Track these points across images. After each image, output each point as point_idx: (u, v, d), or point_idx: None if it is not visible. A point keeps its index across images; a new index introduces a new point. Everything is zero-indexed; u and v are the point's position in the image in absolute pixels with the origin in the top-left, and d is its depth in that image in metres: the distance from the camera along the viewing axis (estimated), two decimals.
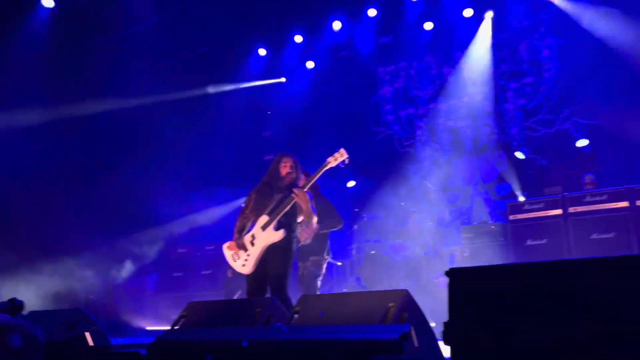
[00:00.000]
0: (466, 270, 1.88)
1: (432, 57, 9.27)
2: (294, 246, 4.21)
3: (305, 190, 4.06)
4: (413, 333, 2.23)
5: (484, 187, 8.55)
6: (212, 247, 8.15)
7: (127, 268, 7.13)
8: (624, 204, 5.71)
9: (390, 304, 2.82)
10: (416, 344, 2.23)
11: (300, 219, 4.25)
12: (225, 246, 4.29)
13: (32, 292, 6.43)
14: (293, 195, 4.03)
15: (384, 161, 9.10)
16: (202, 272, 7.98)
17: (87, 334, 3.04)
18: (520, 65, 8.51)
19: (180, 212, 8.62)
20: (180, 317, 3.40)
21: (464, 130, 8.86)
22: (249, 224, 4.35)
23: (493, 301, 1.74)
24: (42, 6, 7.78)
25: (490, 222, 7.18)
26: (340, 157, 4.15)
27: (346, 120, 9.33)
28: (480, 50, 8.68)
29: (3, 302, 2.11)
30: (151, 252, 8.01)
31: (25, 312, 2.19)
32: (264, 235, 4.14)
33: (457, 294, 1.84)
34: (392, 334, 2.13)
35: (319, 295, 4.01)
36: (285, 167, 4.28)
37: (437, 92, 9.18)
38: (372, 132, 9.63)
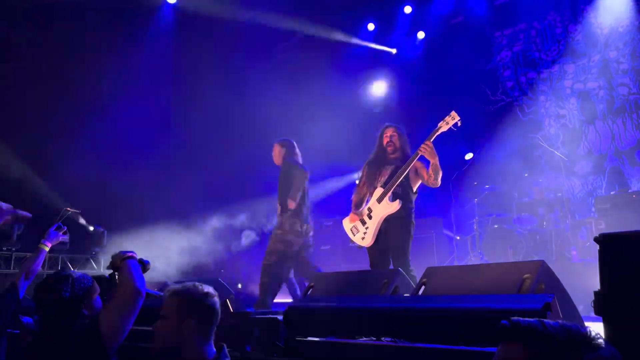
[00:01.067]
0: (620, 235, 1.75)
1: (555, 14, 8.59)
2: (413, 216, 4.20)
3: (431, 141, 4.02)
4: (556, 303, 2.13)
5: (621, 154, 7.81)
6: (330, 223, 8.34)
7: (249, 237, 7.49)
8: None
9: (526, 275, 2.72)
10: (560, 314, 2.13)
11: (415, 186, 4.23)
12: (344, 220, 4.40)
13: (164, 266, 7.05)
14: (421, 149, 4.01)
15: (504, 131, 8.66)
16: (322, 248, 8.20)
17: (228, 301, 3.28)
18: None
19: None
20: (309, 287, 3.54)
21: (596, 92, 8.14)
22: (366, 198, 4.42)
23: None
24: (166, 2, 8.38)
25: (630, 190, 6.54)
26: (451, 120, 4.08)
27: (462, 89, 8.99)
28: None
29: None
30: (269, 224, 8.30)
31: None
32: (380, 207, 4.19)
33: (610, 262, 1.72)
34: (535, 304, 2.05)
35: (446, 267, 3.96)
36: (386, 137, 4.33)
37: (563, 53, 8.51)
38: (491, 100, 9.20)
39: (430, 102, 8.84)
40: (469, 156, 8.23)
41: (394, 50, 9.90)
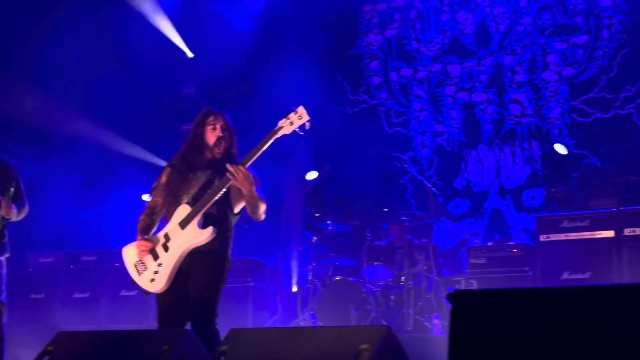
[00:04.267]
0: (477, 293, 2.02)
1: None
2: (229, 250, 4.28)
3: (247, 166, 4.13)
4: None
5: (506, 194, 8.83)
6: (93, 257, 8.13)
7: None
8: None
9: (364, 346, 2.95)
10: None
11: (238, 207, 4.33)
12: (125, 250, 4.32)
13: None
14: (228, 174, 4.08)
15: (363, 145, 9.25)
16: (75, 295, 7.96)
17: None
18: (572, 18, 8.83)
19: (47, 200, 8.58)
20: (44, 353, 3.42)
21: (484, 107, 9.13)
22: (159, 218, 4.40)
23: (510, 332, 1.88)
24: None
25: (512, 242, 7.42)
26: (297, 119, 4.17)
27: (308, 80, 9.46)
28: None
29: None
30: None
31: None
32: (183, 235, 4.18)
33: (463, 325, 1.98)
34: None
35: (259, 329, 4.10)
36: (215, 130, 4.33)
37: (448, 48, 9.42)
38: (349, 100, 9.79)
39: (263, 93, 9.15)
40: (311, 175, 8.62)
41: None
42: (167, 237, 4.21)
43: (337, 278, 7.39)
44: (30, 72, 9.12)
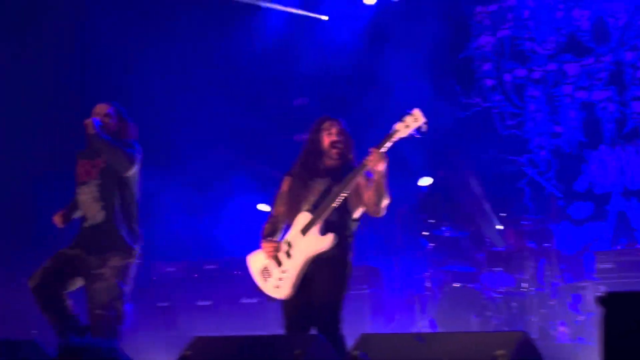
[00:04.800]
0: (635, 296, 1.93)
1: None
2: (350, 255, 4.32)
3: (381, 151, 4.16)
4: None
5: (630, 195, 8.48)
6: (213, 266, 8.33)
7: None
8: None
9: (499, 351, 2.89)
10: None
11: (357, 213, 4.36)
12: (251, 257, 4.43)
13: None
14: (366, 160, 4.13)
15: (476, 149, 9.12)
16: (199, 303, 8.17)
17: None
18: None
19: (162, 211, 8.91)
20: (182, 358, 3.54)
21: (604, 105, 8.81)
22: (282, 227, 4.48)
23: None
24: None
25: None
26: (413, 121, 4.17)
27: (418, 85, 9.38)
28: None
29: None
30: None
31: None
32: (305, 242, 4.25)
33: (618, 331, 1.89)
34: None
35: (389, 335, 4.10)
36: (331, 135, 4.40)
37: (565, 46, 9.13)
38: (461, 103, 9.64)
39: (375, 96, 9.14)
40: (425, 182, 8.54)
41: (325, 17, 10.14)
42: (289, 244, 4.30)
43: (456, 284, 7.31)
44: (137, 88, 9.49)
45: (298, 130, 10.45)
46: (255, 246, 4.49)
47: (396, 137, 4.17)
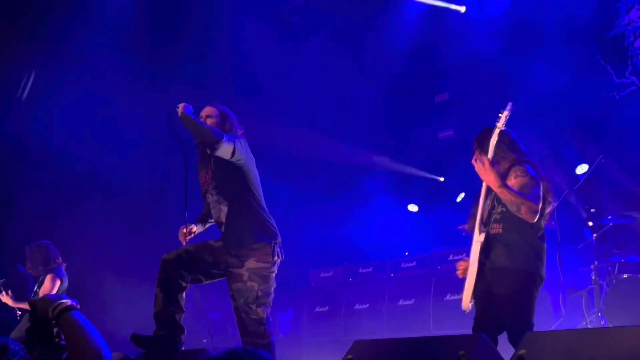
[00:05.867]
0: None
1: None
2: (526, 265, 4.39)
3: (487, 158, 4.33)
4: None
5: None
6: (369, 269, 8.39)
7: None
8: None
9: None
10: None
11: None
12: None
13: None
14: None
15: (635, 129, 8.63)
16: (356, 307, 8.24)
17: None
18: None
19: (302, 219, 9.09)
20: None
21: None
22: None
23: None
24: None
25: None
26: (504, 117, 4.40)
27: (570, 69, 9.02)
28: None
29: None
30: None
31: None
32: (476, 253, 4.46)
33: None
34: None
35: (557, 332, 3.95)
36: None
37: None
38: (615, 84, 9.17)
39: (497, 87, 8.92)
40: (582, 169, 8.19)
41: (462, 8, 9.99)
42: (469, 256, 4.53)
43: (625, 275, 6.99)
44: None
45: (441, 128, 10.38)
46: (406, 248, 4.62)
47: (496, 131, 4.38)
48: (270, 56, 9.75)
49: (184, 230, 4.90)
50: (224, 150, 4.65)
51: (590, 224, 7.54)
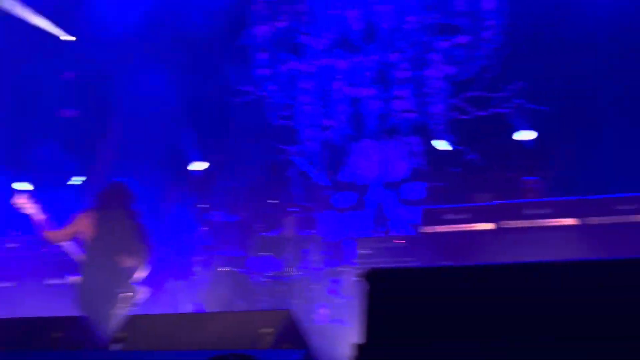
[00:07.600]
0: (394, 271, 2.05)
1: None
2: None
3: None
4: None
5: (389, 186, 9.01)
6: None
7: None
8: (572, 221, 6.34)
9: (265, 329, 2.94)
10: None
11: None
12: None
13: None
14: None
15: (247, 136, 9.23)
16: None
17: None
18: (454, 19, 9.10)
19: None
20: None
21: (368, 102, 9.28)
22: None
23: (428, 310, 1.92)
24: None
25: (397, 234, 7.59)
26: None
27: (192, 72, 9.34)
28: None
29: None
30: None
31: None
32: None
33: (379, 303, 1.99)
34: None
35: (153, 315, 4.04)
36: None
37: (338, 42, 9.51)
38: (235, 91, 9.69)
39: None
40: (198, 166, 8.44)
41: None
42: None
43: (223, 269, 7.34)
44: None
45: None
46: None
47: None
48: None
49: None
50: None
51: (205, 218, 7.84)
